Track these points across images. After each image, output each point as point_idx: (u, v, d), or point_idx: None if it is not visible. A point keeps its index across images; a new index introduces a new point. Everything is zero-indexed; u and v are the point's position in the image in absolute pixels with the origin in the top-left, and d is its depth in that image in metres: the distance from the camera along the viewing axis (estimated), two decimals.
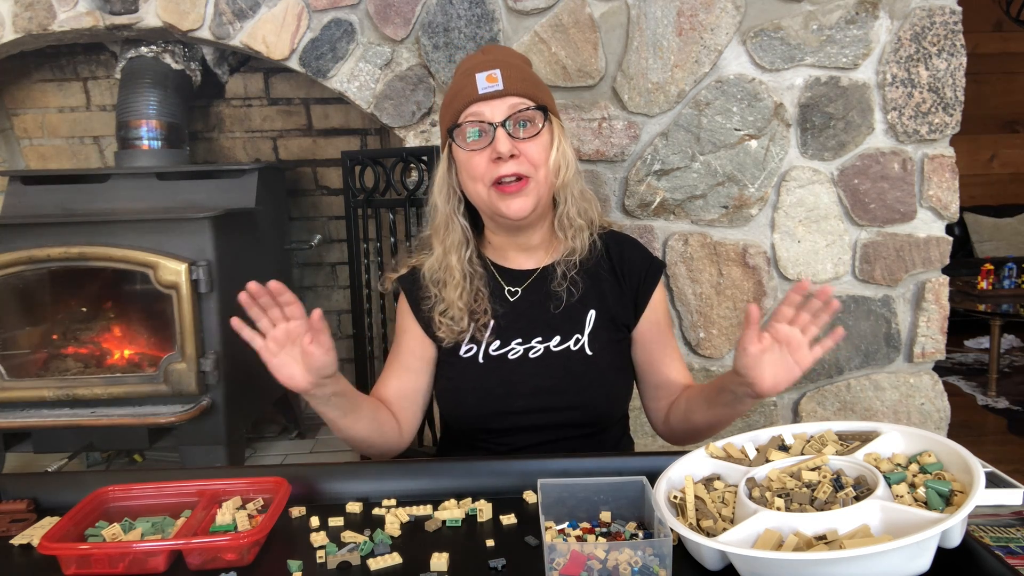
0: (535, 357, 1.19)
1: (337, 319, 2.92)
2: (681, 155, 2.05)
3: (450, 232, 1.21)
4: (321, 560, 0.82)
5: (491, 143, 1.13)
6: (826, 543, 0.70)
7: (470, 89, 1.14)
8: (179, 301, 2.03)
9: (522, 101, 1.14)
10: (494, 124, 1.12)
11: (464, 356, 1.21)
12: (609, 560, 0.73)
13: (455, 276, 1.19)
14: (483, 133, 1.13)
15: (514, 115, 1.13)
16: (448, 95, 1.20)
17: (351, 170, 2.18)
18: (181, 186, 2.31)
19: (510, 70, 1.15)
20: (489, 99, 1.13)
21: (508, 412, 1.18)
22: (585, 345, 1.19)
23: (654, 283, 1.25)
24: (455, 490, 0.97)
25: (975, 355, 4.46)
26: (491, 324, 1.20)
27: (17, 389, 2.08)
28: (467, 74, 1.16)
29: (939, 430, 2.15)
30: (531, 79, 1.18)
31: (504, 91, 1.13)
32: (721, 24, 2.01)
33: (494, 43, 2.03)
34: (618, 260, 1.25)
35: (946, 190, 2.08)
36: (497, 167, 1.12)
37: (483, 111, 1.13)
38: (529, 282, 1.23)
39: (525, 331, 1.20)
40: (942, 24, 2.02)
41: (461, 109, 1.15)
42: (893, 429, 0.88)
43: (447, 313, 1.20)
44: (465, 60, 1.23)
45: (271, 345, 0.99)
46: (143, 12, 2.06)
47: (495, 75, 1.13)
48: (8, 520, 0.92)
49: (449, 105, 1.18)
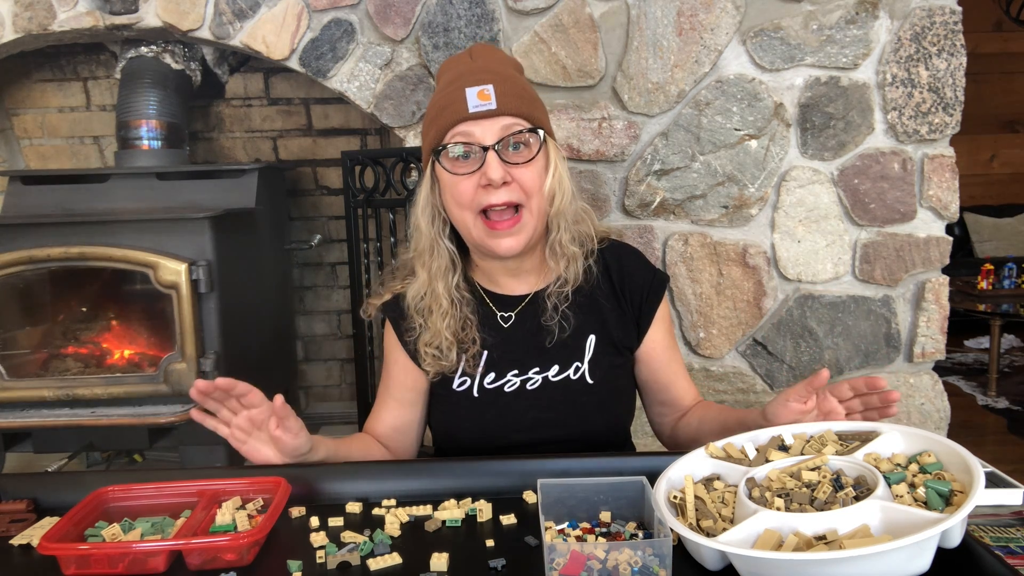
0: (533, 389, 1.13)
1: (337, 319, 2.93)
2: (681, 155, 2.05)
3: (435, 257, 1.11)
4: (321, 560, 0.82)
5: (480, 167, 1.02)
6: (826, 543, 0.70)
7: (459, 105, 1.02)
8: (179, 301, 2.03)
9: (517, 122, 1.03)
10: (485, 147, 1.02)
11: (457, 390, 1.14)
12: (609, 560, 0.73)
13: (442, 304, 1.10)
14: (472, 156, 1.03)
15: (507, 137, 1.02)
16: (433, 107, 1.07)
17: (351, 170, 2.18)
18: (181, 186, 2.31)
19: (504, 84, 1.03)
20: (480, 118, 1.02)
21: (507, 446, 1.12)
22: (586, 374, 1.13)
23: (657, 300, 1.18)
24: (455, 490, 0.97)
25: (975, 355, 4.47)
26: (484, 355, 1.13)
27: (17, 389, 2.08)
28: (455, 86, 1.04)
29: (939, 430, 2.15)
30: (527, 95, 1.07)
31: (497, 110, 1.02)
32: (721, 24, 2.01)
33: (493, 43, 2.02)
34: (618, 278, 1.17)
35: (946, 190, 2.08)
36: (487, 194, 1.03)
37: (473, 131, 1.02)
38: (521, 307, 1.16)
39: (521, 361, 1.14)
40: (942, 24, 2.02)
41: (448, 127, 1.03)
42: (893, 429, 0.87)
43: (432, 343, 1.11)
44: (451, 63, 1.10)
45: (237, 433, 0.97)
46: (143, 12, 2.06)
47: (488, 91, 1.01)
48: (8, 520, 0.92)
49: (434, 120, 1.06)
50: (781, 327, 2.12)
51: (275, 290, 2.58)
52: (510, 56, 1.18)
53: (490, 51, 1.12)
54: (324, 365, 2.97)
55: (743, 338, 2.14)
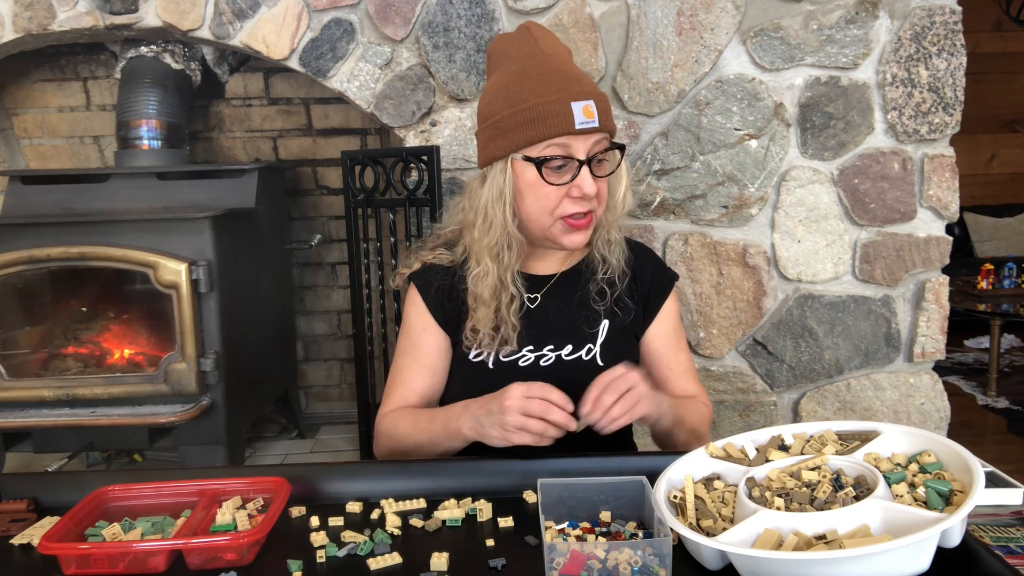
0: (546, 366, 1.17)
1: (337, 319, 2.93)
2: (681, 155, 2.05)
3: (509, 249, 1.15)
4: (321, 560, 0.82)
5: (573, 179, 1.08)
6: (826, 543, 0.70)
7: (563, 120, 1.06)
8: (179, 301, 2.03)
9: (606, 138, 1.11)
10: (580, 161, 1.08)
11: (474, 360, 1.18)
12: (609, 560, 0.73)
13: (504, 295, 1.15)
14: (566, 167, 1.09)
15: (598, 153, 1.10)
16: (522, 109, 1.08)
17: (351, 170, 2.18)
18: (181, 186, 2.31)
19: (601, 101, 1.09)
20: (582, 134, 1.07)
21: None
22: (597, 355, 1.18)
23: (665, 294, 1.24)
24: (455, 490, 0.97)
25: (975, 355, 4.46)
26: (501, 330, 1.18)
27: (17, 389, 2.08)
28: (559, 99, 1.07)
29: (939, 430, 2.15)
30: (611, 110, 1.13)
31: (599, 127, 1.08)
32: (721, 24, 2.01)
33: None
34: (632, 270, 1.23)
35: (946, 190, 2.08)
36: (573, 204, 1.09)
37: (571, 144, 1.07)
38: (547, 288, 1.22)
39: (538, 339, 1.18)
40: (942, 24, 2.02)
41: (549, 136, 1.07)
42: (893, 429, 0.87)
43: (483, 323, 1.16)
44: (512, 51, 1.13)
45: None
46: (143, 12, 2.06)
47: (591, 108, 1.07)
48: (8, 520, 0.92)
49: (529, 125, 1.08)
50: (781, 327, 2.13)
51: (275, 290, 2.58)
52: (564, 45, 1.21)
53: (551, 38, 1.15)
54: (324, 365, 2.97)
55: (743, 338, 2.14)
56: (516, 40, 1.15)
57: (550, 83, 1.08)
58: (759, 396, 2.16)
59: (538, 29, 1.15)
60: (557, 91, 1.07)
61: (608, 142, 1.12)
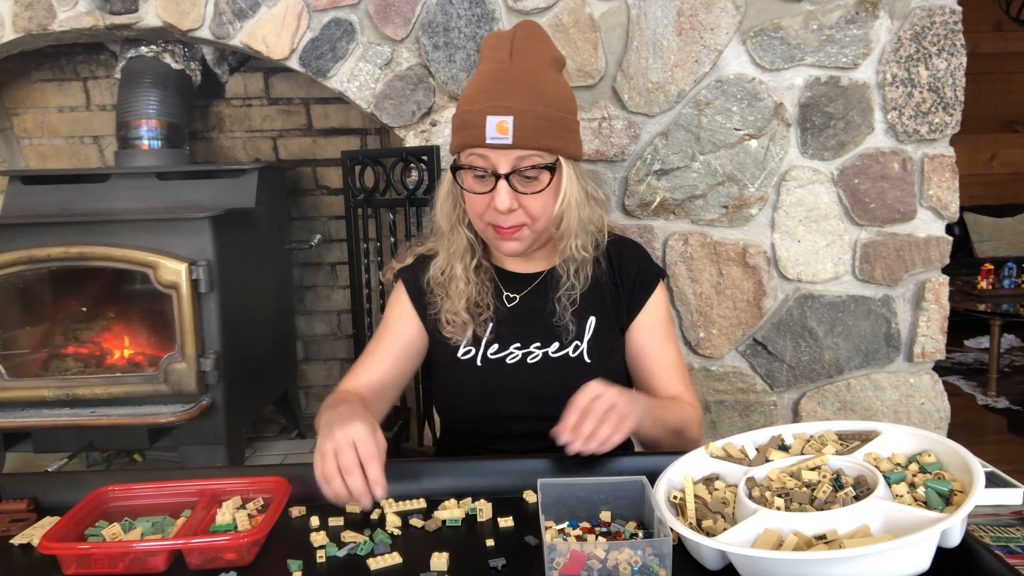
0: (533, 363, 1.18)
1: (337, 319, 2.93)
2: (681, 155, 2.05)
3: (454, 241, 1.19)
4: (321, 560, 0.82)
5: (492, 190, 1.09)
6: (826, 543, 0.70)
7: (478, 131, 1.07)
8: (179, 301, 2.03)
9: (531, 155, 1.08)
10: (497, 175, 1.08)
11: (462, 358, 1.20)
12: (609, 560, 0.73)
13: (459, 285, 1.18)
14: (485, 178, 1.09)
15: (520, 169, 1.08)
16: (461, 108, 1.11)
17: (351, 170, 2.18)
18: (181, 186, 2.31)
19: (524, 117, 1.06)
20: (496, 148, 1.07)
21: (503, 417, 1.17)
22: (584, 353, 1.18)
23: (650, 289, 1.23)
24: (455, 490, 0.97)
25: (975, 355, 4.46)
26: (490, 327, 1.19)
27: (17, 389, 2.08)
28: (477, 109, 1.07)
29: (939, 430, 2.15)
30: (548, 123, 1.08)
31: (513, 144, 1.06)
32: (721, 24, 2.01)
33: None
34: (618, 266, 1.24)
35: (946, 190, 2.08)
36: (494, 216, 1.10)
37: (489, 156, 1.08)
38: (531, 287, 1.23)
39: (524, 336, 1.19)
40: (942, 24, 2.02)
41: (466, 146, 1.09)
42: (893, 429, 0.88)
43: (451, 313, 1.19)
44: (491, 50, 1.13)
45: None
46: (143, 12, 2.06)
47: (506, 124, 1.05)
48: (8, 520, 0.92)
49: (458, 129, 1.11)
50: (781, 327, 2.13)
51: (275, 290, 2.58)
52: (553, 51, 1.19)
53: (532, 45, 1.13)
54: (324, 365, 2.97)
55: (743, 338, 2.14)
56: (497, 42, 1.15)
57: (484, 93, 1.09)
58: (759, 396, 2.16)
59: (524, 31, 1.15)
60: (481, 102, 1.08)
61: (542, 159, 1.09)
